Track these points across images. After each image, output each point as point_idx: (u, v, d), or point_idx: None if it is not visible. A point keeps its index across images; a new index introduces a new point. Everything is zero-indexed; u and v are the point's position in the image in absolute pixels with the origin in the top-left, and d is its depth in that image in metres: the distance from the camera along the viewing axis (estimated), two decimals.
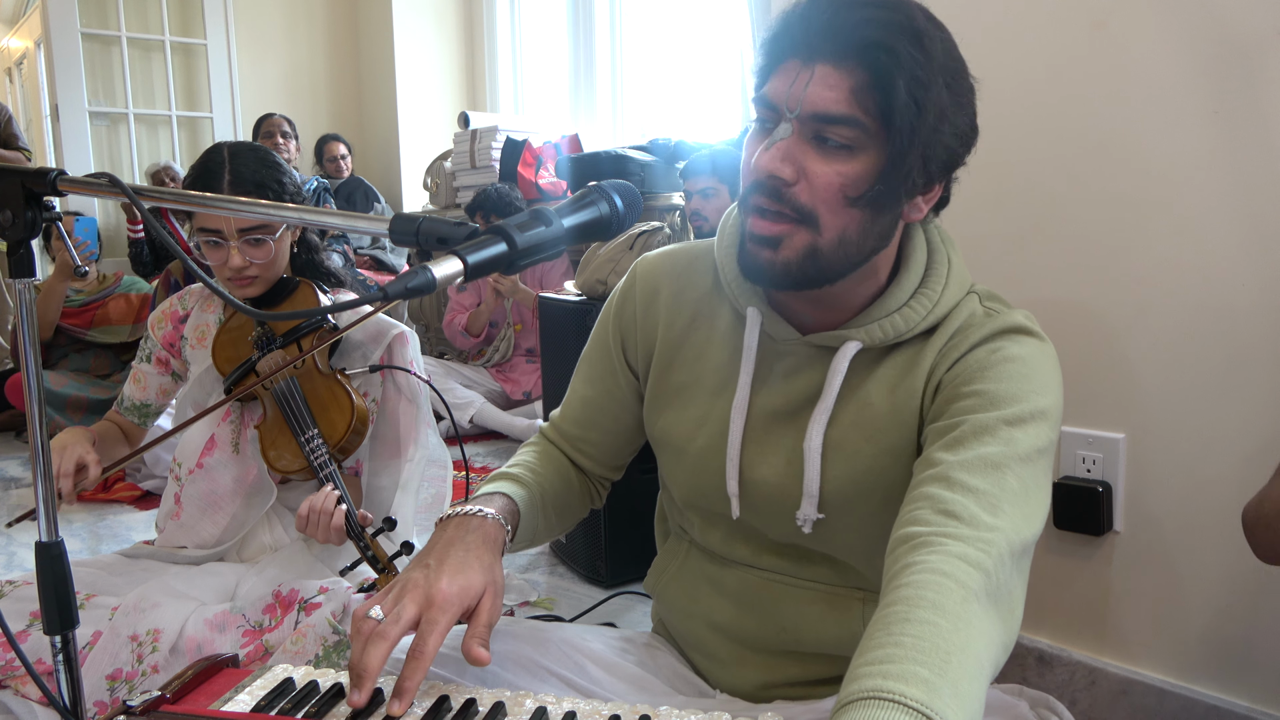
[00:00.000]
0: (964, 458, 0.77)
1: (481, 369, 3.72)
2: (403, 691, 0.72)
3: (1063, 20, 1.34)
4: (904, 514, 0.76)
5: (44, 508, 0.87)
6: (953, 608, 0.65)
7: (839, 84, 0.76)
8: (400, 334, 1.60)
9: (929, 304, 0.88)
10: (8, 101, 6.93)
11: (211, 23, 4.83)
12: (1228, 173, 1.21)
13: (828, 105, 0.77)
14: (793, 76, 0.78)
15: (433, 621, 0.76)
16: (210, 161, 1.49)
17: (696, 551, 1.04)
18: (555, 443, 1.09)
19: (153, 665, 1.32)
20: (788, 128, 0.79)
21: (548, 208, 0.78)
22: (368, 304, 0.70)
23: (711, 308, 0.98)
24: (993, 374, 0.83)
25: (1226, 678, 1.29)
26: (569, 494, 1.06)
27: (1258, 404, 1.22)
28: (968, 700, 0.60)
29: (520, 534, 0.95)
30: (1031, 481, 0.78)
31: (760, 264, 0.83)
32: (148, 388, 1.65)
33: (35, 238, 0.86)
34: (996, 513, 0.73)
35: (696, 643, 1.03)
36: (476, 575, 0.81)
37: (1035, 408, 0.81)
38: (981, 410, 0.81)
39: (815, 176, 0.79)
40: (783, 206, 0.80)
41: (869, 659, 0.62)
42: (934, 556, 0.69)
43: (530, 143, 3.90)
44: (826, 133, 0.78)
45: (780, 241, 0.81)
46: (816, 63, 0.77)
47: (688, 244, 1.04)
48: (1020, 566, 0.74)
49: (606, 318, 1.06)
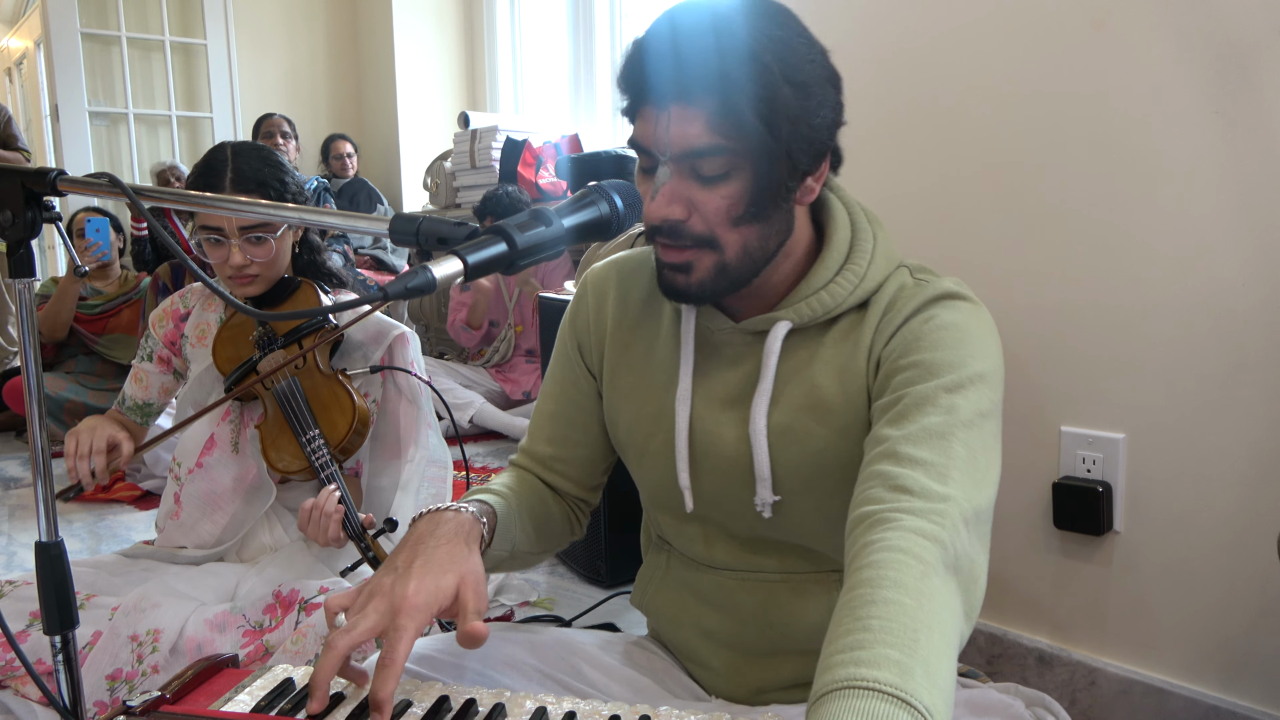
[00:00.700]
0: (909, 431, 0.78)
1: (481, 369, 3.72)
2: (379, 704, 0.70)
3: (1063, 20, 1.34)
4: (858, 493, 0.77)
5: (44, 507, 0.87)
6: (914, 584, 0.66)
7: (695, 118, 0.80)
8: (401, 335, 1.60)
9: (855, 279, 0.90)
10: (7, 101, 6.94)
11: (211, 23, 4.83)
12: (1228, 173, 1.21)
13: (691, 141, 0.81)
14: (653, 122, 0.83)
15: (400, 629, 0.74)
16: (213, 160, 1.49)
17: (677, 561, 1.04)
18: (527, 468, 1.09)
19: (153, 665, 1.32)
20: (666, 171, 0.83)
21: (548, 208, 0.78)
22: (368, 303, 0.70)
23: (655, 308, 1.01)
24: (928, 343, 0.85)
25: (1227, 678, 1.29)
26: (546, 512, 1.05)
27: (1258, 404, 1.22)
28: (938, 676, 0.61)
29: (498, 539, 0.93)
30: (978, 445, 0.79)
31: (677, 287, 0.88)
32: (149, 386, 1.65)
33: (35, 238, 0.86)
34: (946, 482, 0.74)
35: (689, 652, 1.03)
36: (446, 573, 0.79)
37: (973, 372, 0.82)
38: (921, 381, 0.82)
39: (703, 205, 0.84)
40: (683, 240, 0.85)
41: (839, 646, 0.62)
42: (891, 534, 0.70)
43: (530, 143, 3.90)
44: (700, 166, 0.82)
45: (690, 266, 0.86)
46: (670, 105, 0.81)
47: (632, 250, 1.08)
48: (978, 533, 0.74)
49: (563, 330, 1.09)
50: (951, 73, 1.48)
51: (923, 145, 1.53)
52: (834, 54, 0.88)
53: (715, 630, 0.99)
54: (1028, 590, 1.49)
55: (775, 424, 0.91)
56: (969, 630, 0.71)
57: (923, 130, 1.53)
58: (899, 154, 1.57)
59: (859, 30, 1.59)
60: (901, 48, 1.54)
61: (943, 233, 1.52)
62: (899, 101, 1.56)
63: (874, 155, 1.60)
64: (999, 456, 0.82)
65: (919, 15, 1.51)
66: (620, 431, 1.03)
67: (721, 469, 0.94)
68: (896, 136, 1.57)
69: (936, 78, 1.50)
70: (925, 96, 1.52)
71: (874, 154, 1.60)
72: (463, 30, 5.03)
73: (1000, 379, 0.86)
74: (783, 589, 0.96)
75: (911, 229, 1.56)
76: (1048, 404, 1.42)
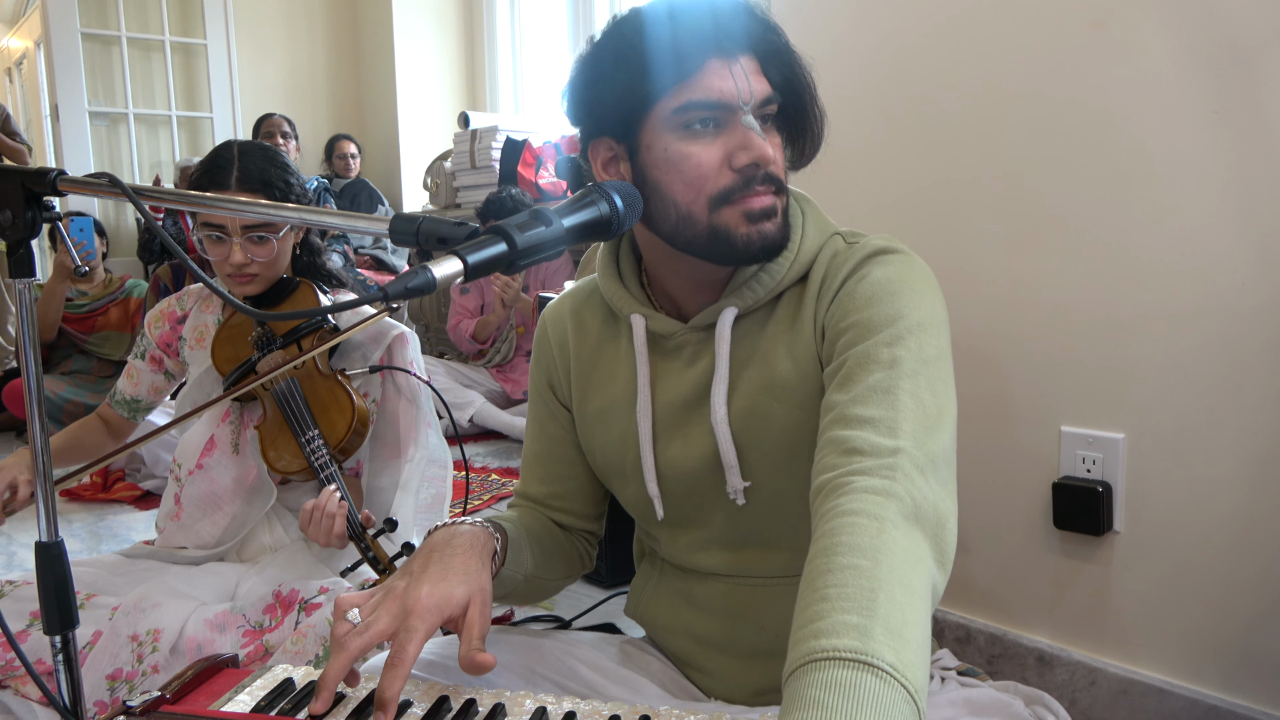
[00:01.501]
0: (855, 393, 0.79)
1: (481, 369, 3.72)
2: (384, 703, 0.70)
3: (1062, 20, 1.34)
4: (815, 463, 0.77)
5: (44, 507, 0.87)
6: (868, 544, 0.65)
7: (757, 70, 0.87)
8: (400, 334, 1.60)
9: (790, 254, 0.92)
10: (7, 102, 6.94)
11: (211, 23, 4.83)
12: (1228, 173, 1.21)
13: (764, 90, 0.87)
14: (727, 73, 0.85)
15: (411, 629, 0.74)
16: (219, 157, 1.50)
17: (668, 569, 1.05)
18: (528, 507, 1.10)
19: (153, 665, 1.32)
20: (751, 119, 0.86)
21: (548, 208, 0.78)
22: (368, 304, 0.70)
23: (612, 331, 1.02)
24: (862, 300, 0.85)
25: (1227, 678, 1.28)
26: (553, 541, 1.06)
27: (1258, 404, 1.22)
28: (904, 631, 0.60)
29: (510, 559, 0.93)
30: (926, 393, 0.78)
31: (769, 235, 0.88)
32: (140, 384, 1.66)
33: (35, 238, 0.86)
34: (896, 435, 0.74)
35: (686, 659, 1.03)
36: (458, 584, 0.79)
37: (911, 322, 0.83)
38: (861, 341, 0.83)
39: (777, 150, 0.89)
40: (778, 184, 0.89)
41: (800, 621, 0.62)
42: (844, 498, 0.70)
43: (530, 143, 3.90)
44: (766, 113, 0.88)
45: (776, 210, 0.88)
46: (738, 55, 0.85)
47: (581, 281, 1.09)
48: (938, 478, 0.74)
49: (532, 372, 1.10)
50: (951, 73, 1.48)
51: (922, 145, 1.53)
52: (834, 54, 0.90)
53: (710, 636, 0.99)
54: (1028, 590, 1.49)
55: (738, 410, 0.91)
56: (944, 577, 0.70)
57: (922, 130, 1.53)
58: (898, 154, 1.57)
59: (859, 31, 1.59)
60: (901, 48, 1.54)
61: (942, 233, 1.52)
62: (898, 102, 1.56)
63: (873, 155, 1.60)
64: (952, 399, 0.81)
65: (918, 15, 1.51)
66: (597, 457, 1.04)
67: (691, 468, 0.95)
68: (896, 136, 1.57)
69: (936, 78, 1.50)
70: (924, 97, 1.52)
71: (873, 154, 1.60)
72: (463, 30, 5.03)
73: (942, 323, 0.86)
74: (774, 591, 0.96)
75: (911, 229, 1.56)
76: (1048, 404, 1.42)
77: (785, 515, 0.94)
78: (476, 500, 2.68)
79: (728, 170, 0.85)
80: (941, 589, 0.69)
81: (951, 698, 0.95)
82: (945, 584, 0.70)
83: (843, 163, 1.62)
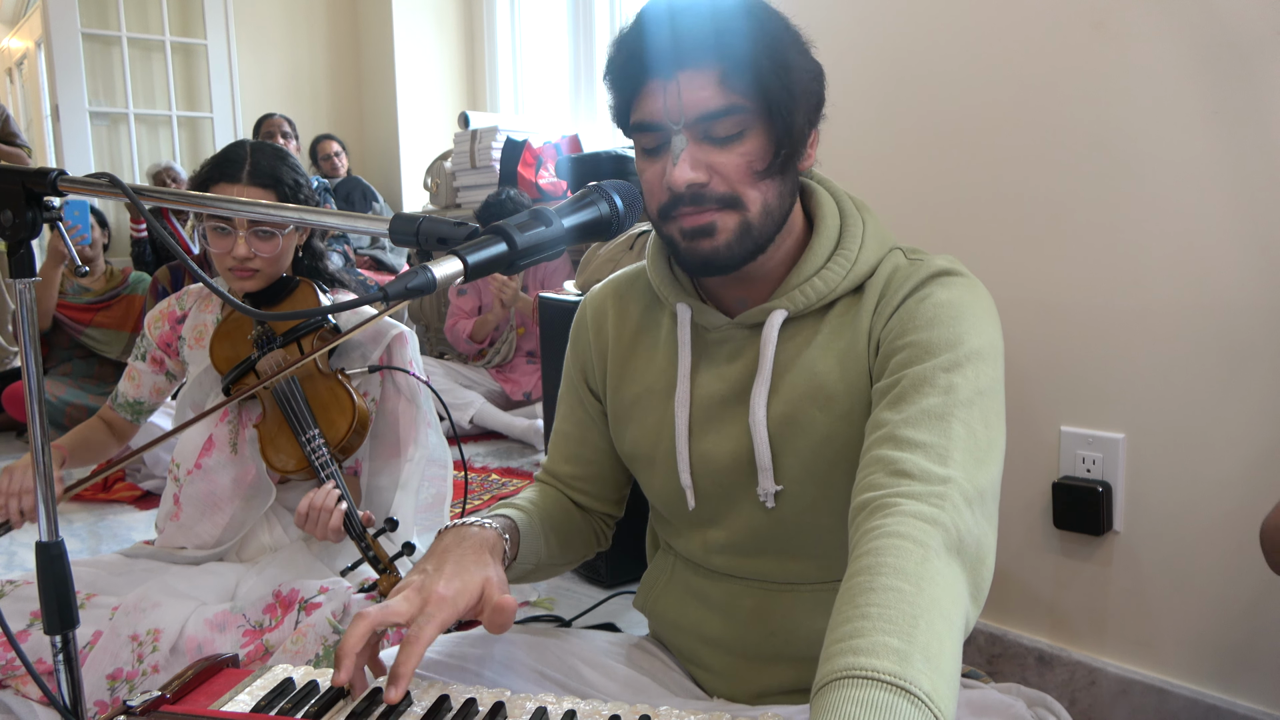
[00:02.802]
0: (908, 414, 0.78)
1: (481, 369, 3.72)
2: (397, 677, 0.73)
3: (1063, 20, 1.34)
4: (859, 480, 0.77)
5: (44, 508, 0.87)
6: (913, 569, 0.65)
7: (705, 82, 0.82)
8: (399, 334, 1.60)
9: (847, 264, 0.91)
10: (7, 102, 6.94)
11: (211, 23, 4.83)
12: (1227, 173, 1.21)
13: (705, 104, 0.83)
14: (661, 94, 0.84)
15: (429, 615, 0.77)
16: (232, 152, 1.53)
17: (682, 565, 1.04)
18: (551, 484, 1.11)
19: (153, 665, 1.32)
20: (682, 139, 0.84)
21: (548, 208, 0.78)
22: (368, 304, 0.70)
23: (653, 319, 1.02)
24: (923, 321, 0.84)
25: (1226, 678, 1.29)
26: (570, 524, 1.07)
27: (1258, 404, 1.22)
28: (940, 661, 0.60)
29: (522, 554, 0.95)
30: (979, 424, 0.78)
31: (703, 254, 0.87)
32: (141, 385, 1.66)
33: (35, 238, 0.86)
34: (947, 463, 0.74)
35: (690, 655, 1.03)
36: (473, 577, 0.82)
37: (970, 349, 0.82)
38: (918, 362, 0.82)
39: (723, 167, 0.85)
40: (706, 203, 0.86)
41: (838, 635, 0.62)
42: (890, 519, 0.70)
43: (530, 143, 3.90)
44: (714, 129, 0.84)
45: (714, 228, 0.86)
46: (676, 73, 0.83)
47: (626, 268, 1.09)
48: (983, 512, 0.74)
49: (568, 356, 1.10)
50: (952, 73, 1.48)
51: (922, 145, 1.53)
52: (835, 54, 0.89)
53: (717, 636, 0.99)
54: (1028, 590, 1.49)
55: (777, 413, 0.91)
56: (977, 611, 0.70)
57: (922, 130, 1.53)
58: (899, 154, 1.57)
59: (860, 31, 1.59)
60: (902, 48, 1.54)
61: (942, 233, 1.52)
62: (899, 102, 1.56)
63: (874, 155, 1.60)
64: (1002, 432, 0.81)
65: (919, 16, 1.51)
66: (627, 444, 1.04)
67: (724, 464, 0.94)
68: (896, 136, 1.57)
69: (937, 78, 1.50)
70: (925, 97, 1.52)
71: (874, 154, 1.60)
72: (463, 30, 5.03)
73: (999, 353, 0.85)
74: (788, 596, 0.96)
75: (911, 229, 1.56)
76: (1048, 404, 1.42)
77: (812, 524, 0.93)
78: (476, 500, 2.68)
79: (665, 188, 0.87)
80: (973, 624, 0.70)
81: None
82: (976, 619, 0.71)
83: (842, 163, 1.62)
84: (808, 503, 0.92)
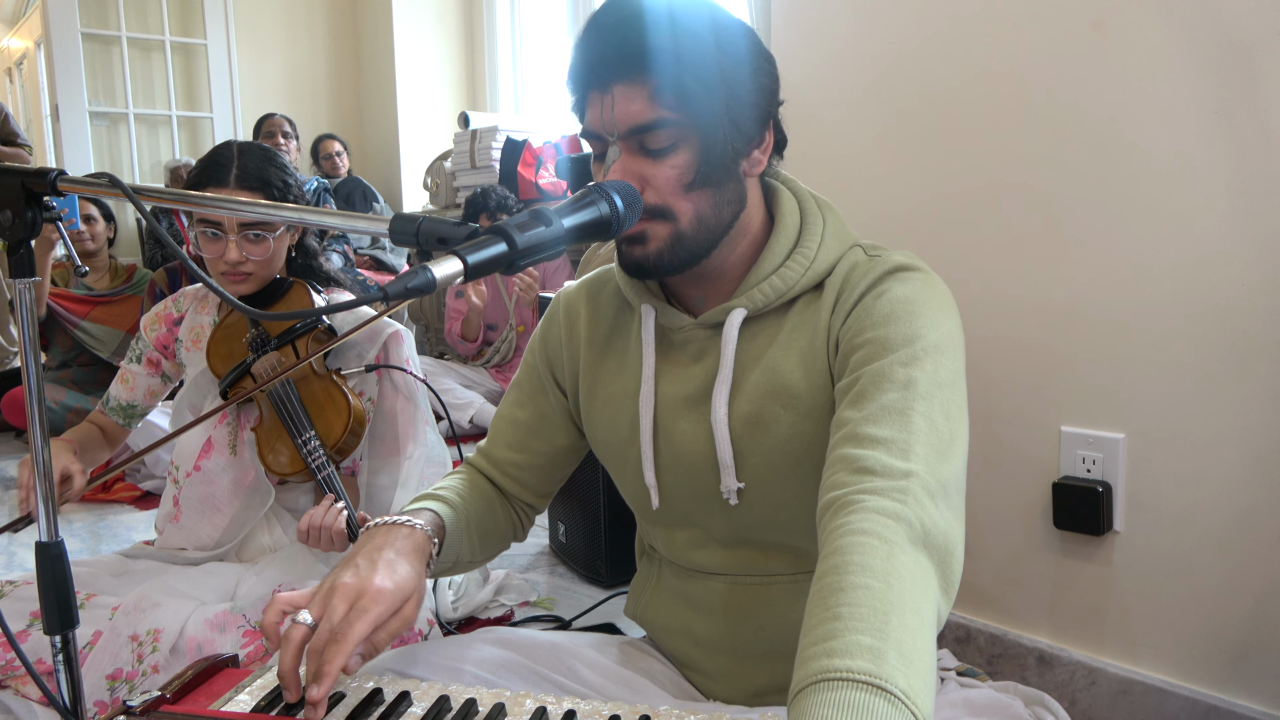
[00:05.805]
0: (868, 411, 0.78)
1: (481, 369, 3.72)
2: (321, 676, 0.71)
3: (1062, 20, 1.34)
4: (824, 479, 0.77)
5: (44, 508, 0.87)
6: (880, 565, 0.65)
7: (636, 96, 0.85)
8: (395, 332, 1.60)
9: (806, 261, 0.92)
10: (7, 101, 6.94)
11: (211, 23, 4.83)
12: (1228, 172, 1.21)
13: (636, 117, 0.85)
14: (599, 105, 0.87)
15: (362, 609, 0.76)
16: (219, 155, 1.51)
17: (666, 567, 1.05)
18: (483, 470, 1.11)
19: (153, 665, 1.32)
20: (615, 150, 0.87)
21: (548, 208, 0.78)
22: (366, 304, 0.70)
23: (625, 321, 1.03)
24: (880, 318, 0.85)
25: (1227, 678, 1.29)
26: (493, 521, 1.07)
27: (1258, 404, 1.22)
28: (914, 655, 0.60)
29: (444, 554, 0.95)
30: (940, 416, 0.78)
31: (635, 259, 0.90)
32: (135, 388, 1.65)
33: (35, 238, 0.86)
34: (909, 457, 0.74)
35: (685, 659, 1.03)
36: (409, 577, 0.82)
37: (928, 343, 0.82)
38: (876, 359, 0.82)
39: (654, 178, 0.86)
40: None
41: (811, 639, 0.62)
42: (854, 517, 0.70)
43: (530, 143, 3.90)
44: (646, 141, 0.86)
45: (645, 236, 0.88)
46: (612, 86, 0.85)
47: (599, 270, 1.10)
48: (948, 504, 0.74)
49: (533, 347, 1.11)
50: (951, 73, 1.48)
51: (922, 145, 1.53)
52: (834, 54, 0.89)
53: (708, 637, 0.99)
54: (1028, 590, 1.49)
55: (741, 412, 0.91)
56: (949, 603, 0.70)
57: (922, 130, 1.53)
58: (898, 154, 1.57)
59: (858, 30, 1.59)
60: (901, 48, 1.54)
61: (942, 233, 1.52)
62: (898, 101, 1.56)
63: (874, 155, 1.60)
64: (965, 424, 0.81)
65: (919, 15, 1.51)
66: (600, 445, 1.05)
67: (689, 463, 0.95)
68: (896, 136, 1.57)
69: (936, 78, 1.50)
70: (925, 97, 1.52)
71: (874, 154, 1.60)
72: (463, 30, 5.03)
73: (958, 346, 0.86)
74: (772, 590, 0.96)
75: (911, 229, 1.56)
76: (1048, 404, 1.42)
77: (781, 520, 0.94)
78: None
79: None
80: (945, 617, 0.70)
81: (951, 698, 0.95)
82: (948, 612, 0.71)
83: (842, 163, 1.62)
84: (774, 499, 0.93)
